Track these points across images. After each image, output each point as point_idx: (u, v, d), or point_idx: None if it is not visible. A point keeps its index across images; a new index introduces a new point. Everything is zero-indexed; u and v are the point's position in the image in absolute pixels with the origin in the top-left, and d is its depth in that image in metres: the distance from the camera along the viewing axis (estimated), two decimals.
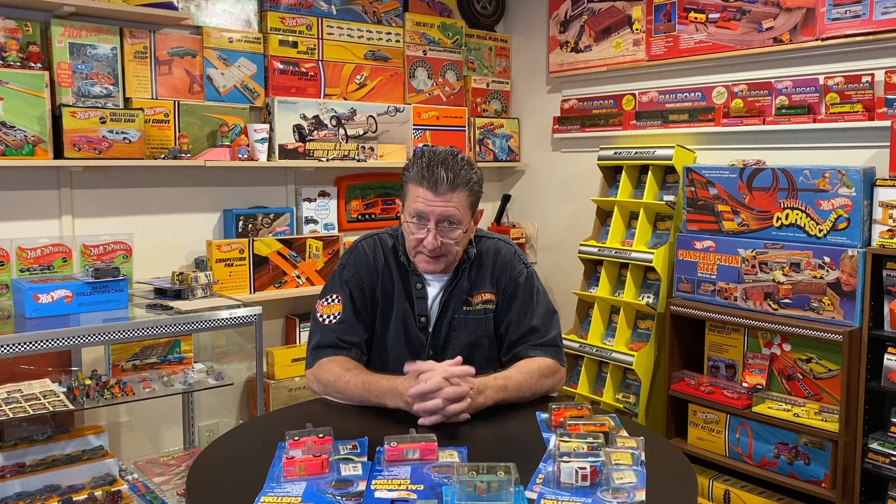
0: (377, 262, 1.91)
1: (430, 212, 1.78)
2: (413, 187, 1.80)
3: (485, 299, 1.92)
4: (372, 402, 1.70)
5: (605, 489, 1.29)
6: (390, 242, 1.94)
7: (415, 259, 1.87)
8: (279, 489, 1.31)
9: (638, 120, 3.42)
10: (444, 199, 1.77)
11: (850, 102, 2.70)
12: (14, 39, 2.59)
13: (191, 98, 3.02)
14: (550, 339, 1.89)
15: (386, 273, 1.91)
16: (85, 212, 2.84)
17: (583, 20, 3.61)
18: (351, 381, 1.74)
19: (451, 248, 1.82)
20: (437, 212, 1.77)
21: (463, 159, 1.82)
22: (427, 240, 1.79)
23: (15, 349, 2.13)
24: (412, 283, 1.90)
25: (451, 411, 1.59)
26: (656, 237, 3.25)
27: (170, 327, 2.43)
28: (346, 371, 1.77)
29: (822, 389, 2.68)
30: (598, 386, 3.36)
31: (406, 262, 1.90)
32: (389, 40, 3.57)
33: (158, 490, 2.54)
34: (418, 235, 1.81)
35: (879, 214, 2.45)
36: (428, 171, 1.77)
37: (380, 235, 1.97)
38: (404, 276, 1.91)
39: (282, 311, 3.36)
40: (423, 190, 1.77)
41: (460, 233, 1.81)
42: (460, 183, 1.78)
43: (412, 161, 1.83)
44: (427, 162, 1.78)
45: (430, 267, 1.85)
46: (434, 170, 1.76)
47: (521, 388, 1.75)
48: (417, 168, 1.79)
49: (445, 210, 1.77)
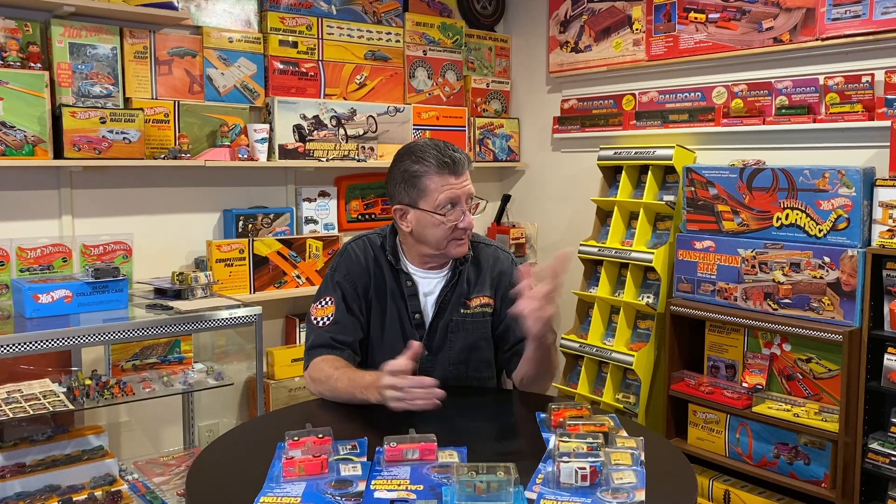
0: (368, 263, 1.94)
1: (461, 194, 1.85)
2: (434, 178, 1.83)
3: (482, 303, 1.95)
4: (357, 397, 1.73)
5: (605, 489, 1.29)
6: (379, 242, 1.97)
7: (445, 249, 1.89)
8: (279, 489, 1.31)
9: (638, 120, 3.42)
10: (464, 178, 1.86)
11: (850, 102, 2.70)
12: (14, 39, 2.59)
13: (191, 98, 3.02)
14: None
15: (377, 273, 1.94)
16: (85, 212, 2.85)
17: (583, 20, 3.61)
18: (339, 381, 1.78)
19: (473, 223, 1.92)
20: (466, 191, 1.86)
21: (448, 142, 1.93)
22: (466, 220, 1.86)
23: (15, 349, 2.13)
24: (402, 282, 1.93)
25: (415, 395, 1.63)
26: (656, 237, 3.25)
27: (170, 327, 2.43)
28: (334, 370, 1.80)
29: (822, 389, 2.68)
30: (597, 386, 3.36)
31: (395, 261, 1.93)
32: (389, 40, 3.57)
33: (158, 490, 2.54)
34: (453, 222, 1.85)
35: (879, 214, 2.45)
36: (447, 157, 1.84)
37: (368, 236, 2.00)
38: (395, 275, 1.93)
39: (282, 311, 3.37)
40: (447, 176, 1.83)
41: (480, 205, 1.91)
42: (468, 160, 1.89)
43: (417, 157, 1.85)
44: (439, 151, 1.85)
45: (463, 248, 1.91)
46: (451, 154, 1.85)
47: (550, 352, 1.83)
48: (434, 159, 1.84)
49: (469, 188, 1.87)
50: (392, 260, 1.93)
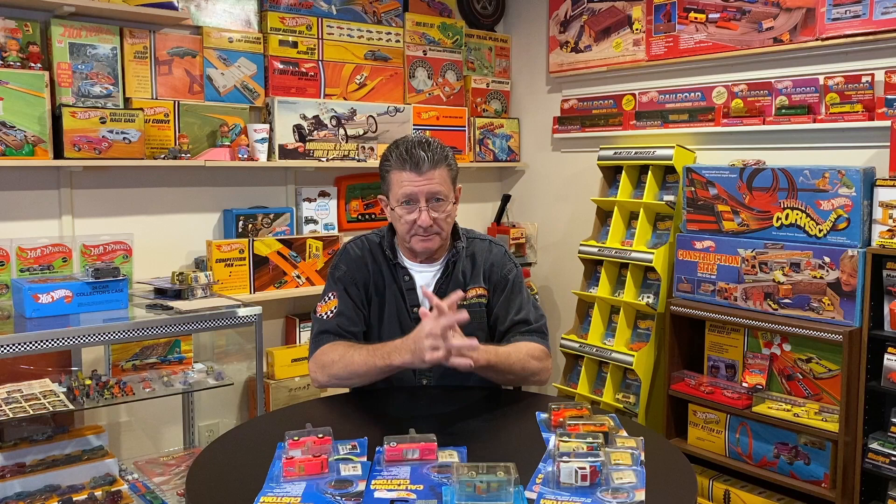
0: (366, 260, 1.99)
1: (418, 192, 1.86)
2: (396, 174, 1.88)
3: (478, 294, 2.00)
4: (377, 364, 1.76)
5: (605, 489, 1.29)
6: (377, 240, 2.03)
7: (410, 243, 1.93)
8: (279, 489, 1.31)
9: (638, 120, 3.42)
10: (427, 177, 1.86)
11: (850, 102, 2.70)
12: (14, 39, 2.59)
13: (191, 98, 3.02)
14: (537, 326, 1.98)
15: (376, 269, 1.98)
16: (85, 212, 2.84)
17: (583, 20, 3.61)
18: (355, 354, 1.81)
19: (443, 223, 1.91)
20: (425, 190, 1.86)
21: (434, 141, 1.93)
22: (421, 218, 1.86)
23: (15, 349, 2.13)
24: (400, 277, 1.97)
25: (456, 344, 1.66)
26: (656, 237, 3.25)
27: (170, 327, 2.43)
28: (349, 348, 1.84)
29: (822, 389, 2.68)
30: (597, 386, 3.36)
31: (392, 256, 1.97)
32: (389, 40, 3.57)
33: (158, 490, 2.54)
34: (410, 217, 1.88)
35: (879, 214, 2.45)
36: (408, 154, 1.86)
37: (367, 236, 2.06)
38: (393, 270, 1.98)
39: (282, 311, 3.36)
40: (407, 173, 1.86)
41: (449, 206, 1.91)
42: (440, 160, 1.88)
43: (388, 152, 1.92)
44: (405, 147, 1.88)
45: (427, 245, 1.92)
46: (413, 152, 1.86)
47: (510, 358, 1.84)
48: (396, 155, 1.88)
49: (431, 187, 1.86)
50: (390, 255, 1.98)
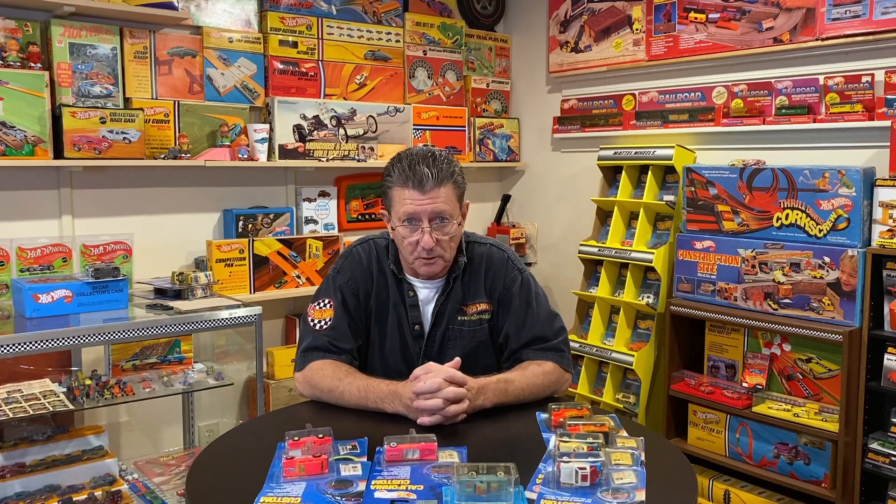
0: (372, 268, 1.88)
1: (420, 211, 1.74)
2: (398, 191, 1.76)
3: (480, 309, 1.89)
4: (369, 406, 1.68)
5: (605, 489, 1.29)
6: (384, 244, 1.92)
7: (412, 265, 1.83)
8: (279, 489, 1.31)
9: (638, 120, 3.42)
10: (431, 196, 1.73)
11: (850, 102, 2.70)
12: (14, 39, 2.59)
13: (191, 98, 3.02)
14: (553, 344, 1.85)
15: (381, 279, 1.88)
16: (85, 212, 2.85)
17: (583, 20, 3.61)
18: (347, 387, 1.71)
19: (447, 244, 1.79)
20: (428, 210, 1.74)
21: (441, 154, 1.79)
22: (424, 240, 1.75)
23: (15, 349, 2.13)
24: (405, 291, 1.87)
25: (450, 412, 1.58)
26: (656, 237, 3.25)
27: (170, 327, 2.43)
28: (343, 375, 1.74)
29: (822, 389, 2.68)
30: (598, 386, 3.36)
31: (396, 270, 1.87)
32: (389, 40, 3.57)
33: (158, 490, 2.54)
34: (412, 238, 1.77)
35: (879, 214, 2.45)
36: (411, 170, 1.73)
37: (375, 240, 1.93)
38: (398, 283, 1.88)
39: (282, 311, 3.36)
40: (410, 191, 1.74)
41: (454, 227, 1.78)
42: (445, 177, 1.75)
43: (390, 166, 1.79)
44: (408, 163, 1.75)
45: (430, 269, 1.81)
46: (417, 168, 1.73)
47: (523, 392, 1.73)
48: (399, 170, 1.75)
49: (435, 207, 1.74)
50: (395, 269, 1.87)
